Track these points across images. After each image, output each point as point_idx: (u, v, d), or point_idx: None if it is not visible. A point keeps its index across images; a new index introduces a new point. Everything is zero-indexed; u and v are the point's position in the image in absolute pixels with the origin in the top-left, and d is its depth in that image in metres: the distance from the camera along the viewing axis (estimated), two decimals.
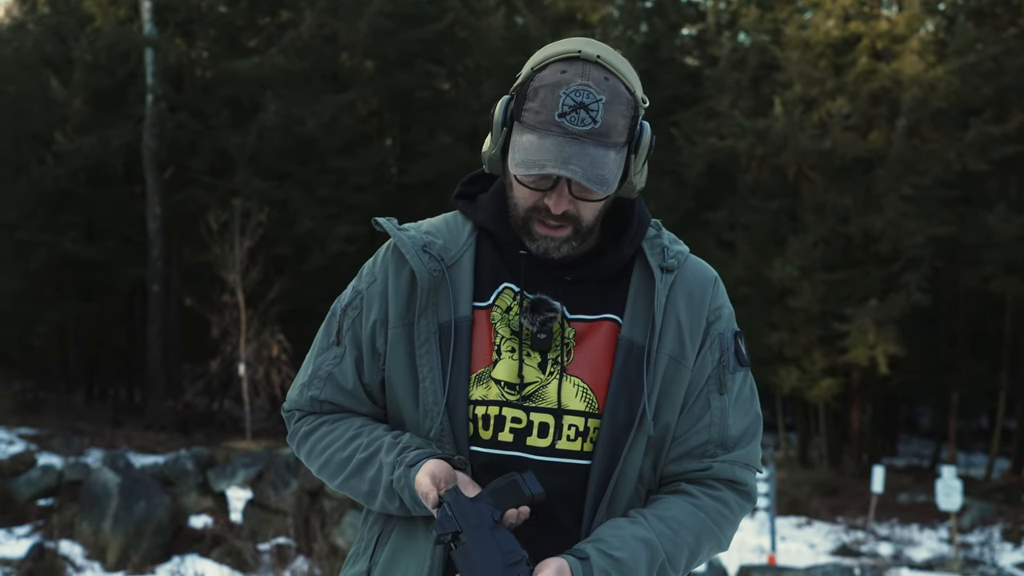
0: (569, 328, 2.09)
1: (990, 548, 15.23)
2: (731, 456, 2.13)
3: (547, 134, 1.97)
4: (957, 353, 25.72)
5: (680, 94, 24.65)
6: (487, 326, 2.09)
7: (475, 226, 2.17)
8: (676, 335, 2.10)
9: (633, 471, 2.06)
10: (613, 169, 1.99)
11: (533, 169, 1.96)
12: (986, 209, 21.61)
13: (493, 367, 2.07)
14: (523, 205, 2.06)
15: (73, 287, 25.03)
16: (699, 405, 2.12)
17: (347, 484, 2.15)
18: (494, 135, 2.10)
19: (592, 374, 2.08)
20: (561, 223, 2.03)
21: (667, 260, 2.14)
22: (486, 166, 2.17)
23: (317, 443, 2.18)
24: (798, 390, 21.80)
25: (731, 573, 9.92)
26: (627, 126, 2.01)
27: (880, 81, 21.22)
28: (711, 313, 2.16)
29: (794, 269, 20.95)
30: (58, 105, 22.75)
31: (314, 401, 2.20)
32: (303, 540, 10.12)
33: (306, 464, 2.24)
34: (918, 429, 34.66)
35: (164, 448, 18.12)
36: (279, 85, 23.00)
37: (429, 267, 2.09)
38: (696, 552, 2.07)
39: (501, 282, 2.12)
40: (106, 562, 9.57)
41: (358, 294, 2.19)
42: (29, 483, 10.75)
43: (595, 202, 2.04)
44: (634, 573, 1.98)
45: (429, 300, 2.08)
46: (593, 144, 1.96)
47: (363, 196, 23.27)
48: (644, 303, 2.10)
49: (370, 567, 2.12)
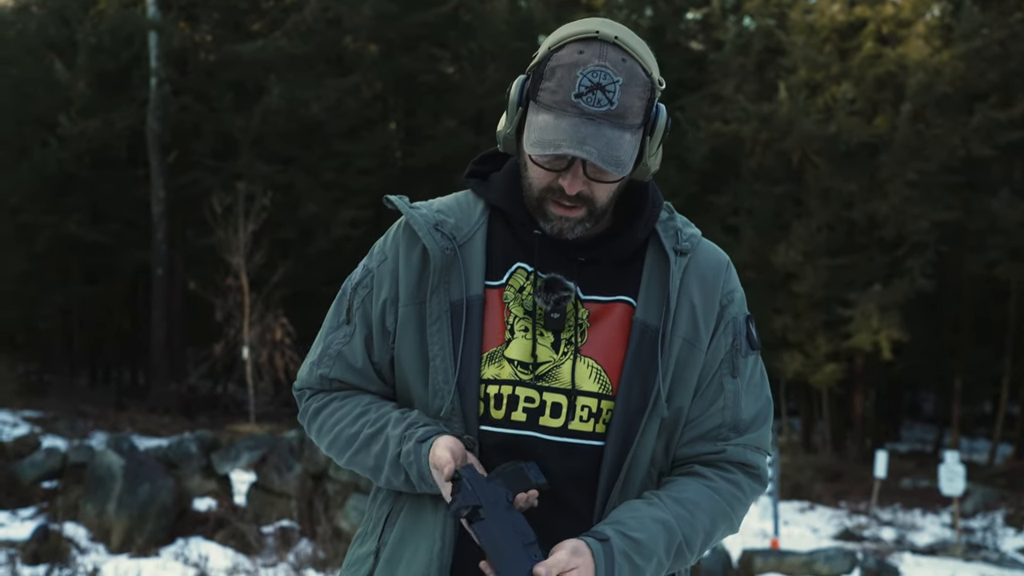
0: (583, 309, 2.09)
1: (992, 533, 15.24)
2: (743, 440, 2.14)
3: (563, 114, 1.96)
4: (961, 339, 25.71)
5: (685, 78, 24.61)
6: (500, 305, 2.08)
7: (487, 205, 2.17)
8: (690, 318, 2.10)
9: (646, 454, 2.06)
10: (628, 151, 1.98)
11: (548, 149, 1.96)
12: (991, 195, 21.58)
13: (506, 346, 2.06)
14: (537, 185, 2.05)
15: (77, 270, 25.04)
16: (712, 389, 2.13)
17: (354, 459, 2.15)
18: (509, 114, 2.09)
19: (606, 355, 2.07)
20: (575, 204, 2.03)
21: (681, 243, 2.14)
22: (500, 145, 2.16)
23: (326, 420, 2.18)
24: (802, 375, 21.81)
25: (734, 557, 9.94)
26: (643, 108, 2.00)
27: (885, 66, 21.18)
28: (724, 297, 2.16)
29: (798, 254, 20.95)
30: (62, 88, 22.72)
31: (324, 379, 2.20)
32: (307, 523, 10.14)
33: (316, 442, 2.24)
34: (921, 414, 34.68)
35: (168, 431, 18.15)
36: (283, 68, 22.96)
37: (441, 245, 2.08)
38: (711, 534, 2.08)
39: (514, 262, 2.12)
40: (110, 544, 9.59)
41: (368, 272, 2.19)
42: (33, 465, 10.77)
43: (610, 184, 2.03)
44: (653, 554, 1.99)
45: (441, 279, 2.07)
46: (609, 125, 1.96)
47: (367, 180, 23.25)
48: (658, 286, 2.10)
49: (379, 547, 2.12)
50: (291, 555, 9.65)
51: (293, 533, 10.05)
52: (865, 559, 10.28)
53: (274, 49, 22.82)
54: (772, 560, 9.82)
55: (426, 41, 25.34)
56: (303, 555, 9.64)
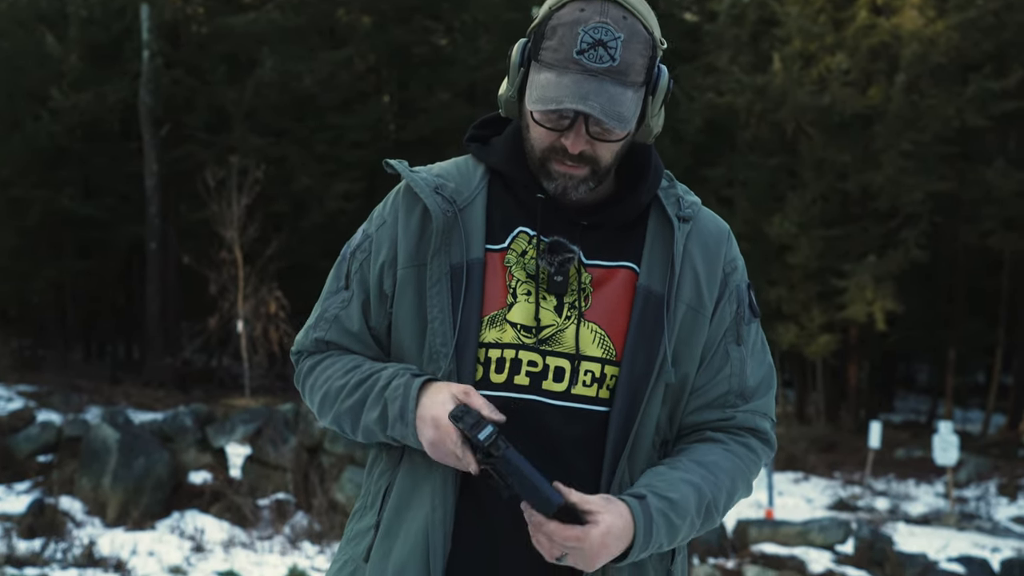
0: (586, 273, 2.08)
1: (986, 502, 15.30)
2: (750, 406, 2.15)
3: (565, 71, 1.96)
4: (955, 309, 25.76)
5: (679, 49, 24.51)
6: (501, 269, 2.08)
7: (487, 169, 2.16)
8: (693, 284, 2.11)
9: (651, 420, 2.06)
10: (631, 107, 1.99)
11: (551, 105, 1.96)
12: (985, 165, 21.58)
13: (508, 310, 2.05)
14: (540, 145, 2.04)
15: (70, 244, 24.97)
16: (719, 357, 2.14)
17: (340, 409, 2.12)
18: (511, 77, 2.09)
19: (609, 321, 2.07)
20: (578, 163, 2.02)
21: (683, 210, 2.14)
22: (502, 109, 2.16)
23: (318, 377, 2.17)
24: (796, 346, 21.84)
25: (729, 528, 9.97)
26: (645, 66, 2.01)
27: (880, 36, 21.11)
28: (727, 264, 2.17)
29: (792, 225, 20.94)
30: (54, 61, 22.60)
31: (319, 343, 2.20)
32: (302, 496, 10.15)
33: (308, 401, 2.22)
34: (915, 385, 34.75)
35: (163, 405, 18.15)
36: (275, 41, 22.86)
37: (443, 208, 2.07)
38: (732, 495, 2.10)
39: (516, 226, 2.11)
40: (106, 517, 9.60)
41: (367, 237, 2.18)
42: (28, 439, 10.76)
43: (613, 142, 2.03)
44: (687, 513, 2.00)
45: (442, 242, 2.06)
46: (611, 81, 1.96)
47: (361, 153, 23.19)
48: (662, 252, 2.10)
49: (378, 521, 2.11)
50: (287, 528, 9.67)
51: (289, 506, 10.06)
52: (859, 529, 10.31)
53: (266, 21, 22.72)
54: (767, 530, 9.85)
55: (419, 13, 25.23)
56: (299, 528, 9.66)
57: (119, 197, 24.01)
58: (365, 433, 2.11)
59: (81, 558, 8.45)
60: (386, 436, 2.06)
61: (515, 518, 1.98)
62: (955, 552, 10.40)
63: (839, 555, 9.61)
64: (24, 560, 8.33)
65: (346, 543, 2.18)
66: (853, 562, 9.49)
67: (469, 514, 2.03)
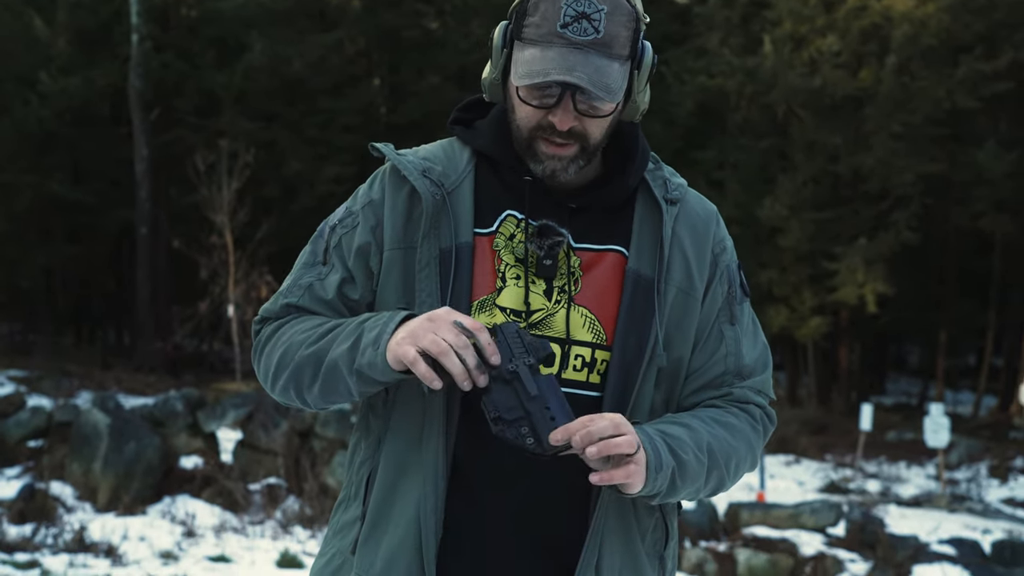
0: (575, 257, 2.06)
1: (977, 484, 15.34)
2: (747, 383, 2.14)
3: (550, 45, 1.95)
4: (946, 291, 25.80)
5: (669, 32, 24.48)
6: (490, 253, 2.05)
7: (474, 152, 2.13)
8: (683, 267, 2.09)
9: (645, 403, 2.04)
10: (618, 79, 1.97)
11: (537, 79, 1.94)
12: (976, 146, 21.58)
13: (497, 294, 2.03)
14: (527, 124, 2.02)
15: (60, 229, 24.89)
16: (713, 338, 2.13)
17: (300, 363, 2.04)
18: (494, 59, 2.07)
19: (599, 305, 2.05)
20: (567, 141, 2.00)
21: (670, 192, 2.13)
22: (486, 93, 2.14)
23: (281, 335, 2.10)
24: (787, 329, 21.86)
25: (720, 510, 9.97)
26: (630, 39, 1.99)
27: (870, 18, 21.09)
28: (716, 245, 2.16)
29: (783, 208, 20.94)
30: (42, 45, 22.50)
31: (289, 307, 2.13)
32: (293, 480, 10.15)
33: (263, 367, 2.12)
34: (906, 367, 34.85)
35: (154, 390, 18.13)
36: (265, 24, 22.78)
37: (431, 190, 2.05)
38: (732, 448, 2.06)
39: (503, 209, 2.08)
40: (97, 503, 9.59)
41: (350, 213, 2.14)
42: (19, 424, 10.73)
43: (601, 118, 2.01)
44: (685, 445, 1.97)
45: (431, 225, 2.03)
46: (596, 54, 1.94)
47: (351, 137, 23.13)
48: (650, 235, 2.09)
49: (364, 511, 2.07)
50: (278, 512, 9.67)
51: (280, 490, 10.06)
52: (850, 511, 10.33)
53: (256, 5, 22.62)
54: (758, 513, 9.85)
55: None
56: (290, 512, 9.66)
57: (109, 182, 23.94)
58: (326, 379, 2.00)
59: (72, 543, 8.44)
60: (352, 371, 1.96)
61: (503, 501, 1.97)
62: (946, 534, 10.42)
63: (830, 537, 9.63)
64: (15, 545, 8.32)
65: (332, 536, 2.14)
66: (844, 544, 9.51)
67: (458, 499, 2.00)
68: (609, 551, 2.02)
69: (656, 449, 1.92)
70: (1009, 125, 24.48)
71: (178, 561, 8.38)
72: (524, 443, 1.85)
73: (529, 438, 1.85)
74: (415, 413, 2.03)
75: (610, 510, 2.02)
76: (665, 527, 2.13)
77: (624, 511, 2.04)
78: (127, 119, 23.43)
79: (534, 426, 1.85)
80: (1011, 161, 20.76)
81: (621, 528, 2.04)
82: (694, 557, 9.06)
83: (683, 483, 1.98)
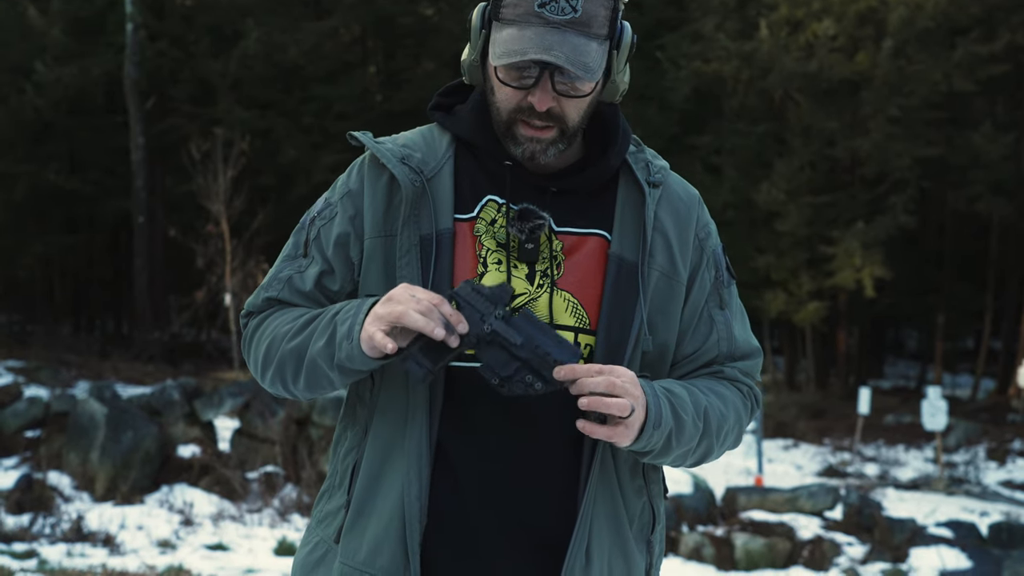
0: (557, 241, 2.05)
1: (975, 467, 15.36)
2: (738, 365, 2.15)
3: (527, 25, 1.94)
4: (943, 275, 25.81)
5: (665, 17, 24.43)
6: (471, 238, 2.04)
7: (453, 138, 2.12)
8: (665, 250, 2.08)
9: None
10: (596, 58, 1.96)
11: (515, 58, 1.93)
12: (973, 130, 21.57)
13: (479, 279, 2.01)
14: (506, 107, 2.01)
15: (57, 219, 24.88)
16: (704, 323, 2.13)
17: (284, 356, 2.04)
18: (472, 41, 2.07)
19: (581, 289, 2.04)
20: (547, 123, 1.99)
21: (652, 175, 2.11)
22: (466, 76, 2.13)
23: (265, 329, 2.11)
24: (785, 313, 21.85)
25: (718, 495, 9.98)
26: (607, 18, 1.98)
27: (866, 2, 21.04)
28: (700, 230, 2.15)
29: (780, 193, 20.92)
30: (37, 34, 22.46)
31: (270, 301, 2.14)
32: (291, 468, 10.15)
33: (253, 361, 2.13)
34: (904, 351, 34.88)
35: (152, 379, 18.12)
36: (260, 12, 22.74)
37: (410, 177, 2.04)
38: (724, 415, 2.08)
39: (484, 195, 2.07)
40: (94, 492, 9.59)
41: (329, 204, 2.14)
42: (16, 415, 10.73)
43: (580, 98, 2.00)
44: (686, 406, 2.00)
45: (411, 212, 2.02)
46: (574, 33, 1.94)
47: (347, 124, 23.05)
48: (633, 218, 2.07)
49: (349, 499, 2.05)
50: (276, 500, 9.67)
51: (277, 478, 10.06)
52: (848, 495, 10.34)
53: None
54: (755, 497, 9.86)
55: None
56: (288, 500, 9.67)
57: (105, 171, 23.91)
58: (309, 374, 2.02)
59: (70, 533, 8.45)
60: (332, 366, 1.97)
61: (489, 487, 1.96)
62: (943, 517, 10.43)
63: (828, 521, 9.64)
64: (12, 535, 8.33)
65: (315, 525, 2.13)
66: (842, 528, 9.52)
67: (443, 486, 1.99)
68: (598, 536, 2.01)
69: (659, 406, 1.94)
70: (1006, 108, 24.48)
71: (176, 550, 8.39)
72: (534, 390, 1.87)
73: (537, 383, 1.87)
74: (400, 400, 2.02)
75: (599, 495, 2.01)
76: (652, 512, 2.13)
77: (613, 496, 2.04)
78: (123, 108, 23.38)
79: (535, 369, 1.86)
80: (1008, 144, 20.75)
81: (610, 513, 2.03)
82: (691, 542, 9.07)
83: (677, 444, 1.99)
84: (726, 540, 9.17)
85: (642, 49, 24.00)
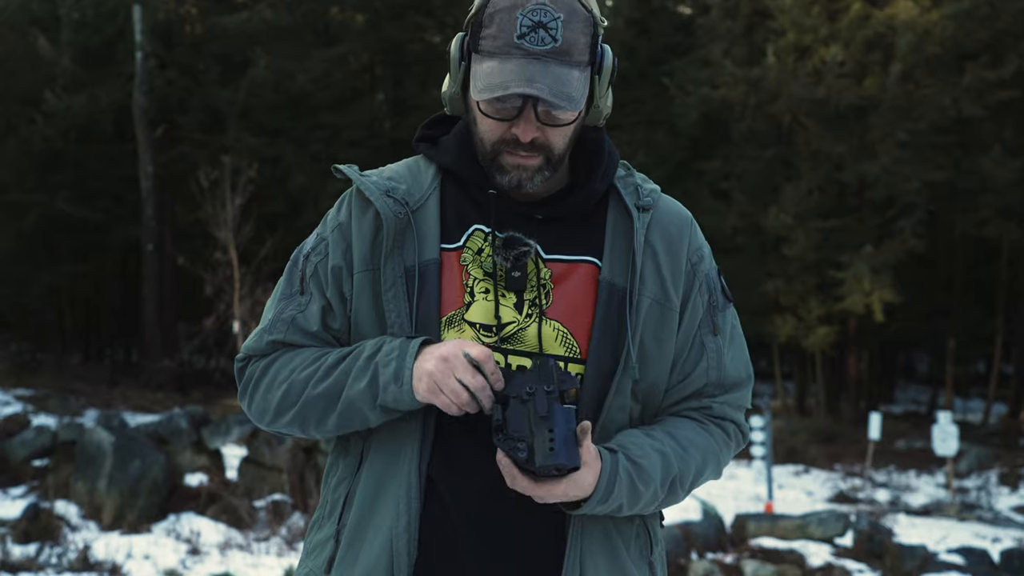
0: (545, 269, 2.03)
1: (987, 492, 15.27)
2: (728, 397, 2.12)
3: (508, 57, 1.92)
4: (953, 299, 25.75)
5: (673, 43, 24.50)
6: (458, 268, 2.02)
7: (439, 169, 2.11)
8: (656, 276, 2.06)
9: (620, 415, 2.02)
10: (578, 87, 1.94)
11: (497, 92, 1.91)
12: (981, 154, 21.55)
13: (466, 309, 2.00)
14: (490, 139, 1.99)
15: (67, 248, 24.95)
16: (695, 350, 2.10)
17: (308, 401, 2.02)
18: (452, 73, 2.04)
19: (571, 318, 2.01)
20: (531, 152, 1.98)
21: (642, 199, 2.09)
22: (447, 107, 2.11)
23: (278, 373, 2.07)
24: (794, 338, 21.81)
25: (727, 522, 9.93)
26: (588, 44, 1.96)
27: (874, 27, 21.07)
28: (692, 254, 2.12)
29: (789, 217, 20.90)
30: (47, 64, 22.58)
31: (274, 344, 2.10)
32: (298, 496, 10.12)
33: (259, 404, 2.09)
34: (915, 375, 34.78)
35: (161, 407, 18.13)
36: (269, 40, 22.87)
37: (394, 210, 2.02)
38: (700, 473, 2.07)
39: (470, 224, 2.06)
40: (101, 521, 9.56)
41: (322, 240, 2.13)
42: (23, 444, 10.73)
43: (564, 127, 1.98)
44: (651, 482, 1.98)
45: (395, 244, 2.00)
46: (556, 63, 1.92)
47: (356, 152, 23.16)
48: (623, 244, 2.05)
49: (339, 529, 2.04)
50: (283, 529, 9.63)
51: (285, 506, 10.03)
52: (858, 521, 10.28)
53: (259, 20, 22.69)
54: (765, 524, 9.81)
55: (412, 10, 25.20)
56: (295, 528, 9.63)
57: (115, 199, 24.00)
58: (344, 415, 1.99)
59: (76, 562, 8.41)
60: (374, 407, 1.96)
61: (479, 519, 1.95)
62: (955, 543, 10.37)
63: (838, 548, 9.58)
64: (19, 565, 8.30)
65: (306, 556, 2.10)
66: (852, 555, 9.45)
67: (433, 520, 1.98)
68: (592, 563, 1.99)
69: (610, 490, 1.92)
70: (1014, 132, 24.43)
71: None
72: (516, 456, 1.86)
73: (523, 452, 1.85)
74: (393, 432, 2.01)
75: (586, 523, 1.99)
76: (648, 533, 2.11)
77: (603, 522, 2.02)
78: (132, 136, 23.49)
79: (532, 446, 1.85)
80: (1016, 168, 20.71)
81: (602, 540, 2.01)
82: (701, 569, 9.01)
83: (629, 509, 1.99)
84: (736, 567, 9.11)
85: (650, 75, 24.06)
